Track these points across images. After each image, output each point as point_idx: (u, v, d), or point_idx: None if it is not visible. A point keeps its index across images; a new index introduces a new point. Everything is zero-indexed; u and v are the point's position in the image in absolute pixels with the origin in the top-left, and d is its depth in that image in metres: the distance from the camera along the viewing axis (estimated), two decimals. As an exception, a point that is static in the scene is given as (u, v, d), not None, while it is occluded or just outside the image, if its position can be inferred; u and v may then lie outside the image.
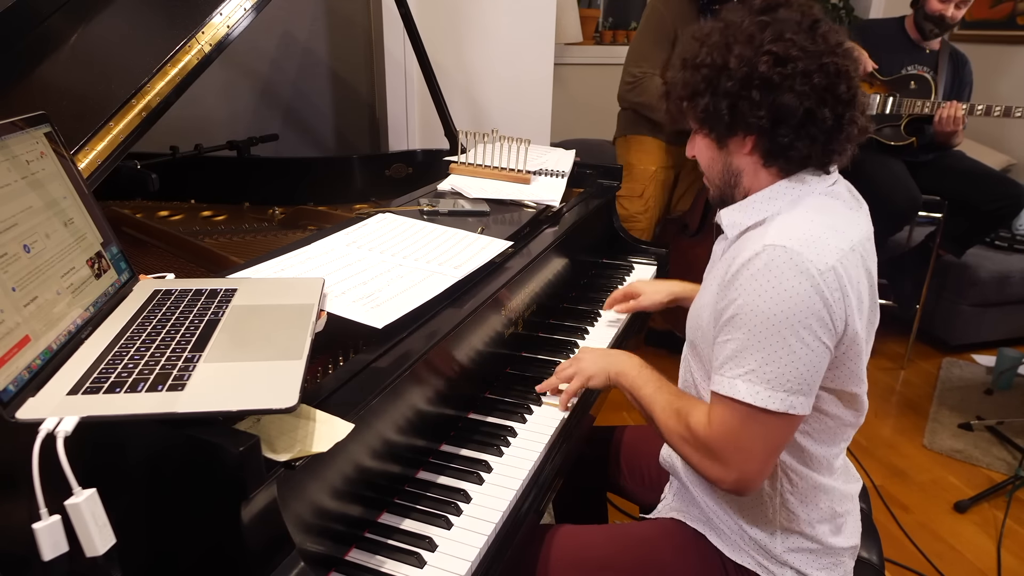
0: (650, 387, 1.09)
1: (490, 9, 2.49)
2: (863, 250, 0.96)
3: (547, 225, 1.54)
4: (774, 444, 0.95)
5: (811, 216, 0.95)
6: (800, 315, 0.88)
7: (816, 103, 0.92)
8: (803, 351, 0.90)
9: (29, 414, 0.66)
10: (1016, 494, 2.26)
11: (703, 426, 0.96)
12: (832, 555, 1.07)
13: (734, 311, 0.93)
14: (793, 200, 0.98)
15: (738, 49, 0.94)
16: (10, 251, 0.74)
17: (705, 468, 0.97)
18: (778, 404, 0.91)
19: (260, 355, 0.79)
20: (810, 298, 0.88)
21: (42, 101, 1.14)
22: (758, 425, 0.92)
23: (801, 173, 1.00)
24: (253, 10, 1.36)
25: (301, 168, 2.07)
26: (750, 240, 0.96)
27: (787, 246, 0.89)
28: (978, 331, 3.19)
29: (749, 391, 0.91)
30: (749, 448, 0.94)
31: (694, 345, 1.10)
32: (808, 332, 0.89)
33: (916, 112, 2.76)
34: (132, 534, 0.69)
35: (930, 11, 2.69)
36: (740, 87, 0.94)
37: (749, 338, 0.91)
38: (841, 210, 0.98)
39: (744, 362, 0.92)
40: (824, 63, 0.92)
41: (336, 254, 1.18)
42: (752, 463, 0.94)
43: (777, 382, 0.90)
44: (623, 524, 1.21)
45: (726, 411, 0.94)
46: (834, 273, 0.89)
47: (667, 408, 1.04)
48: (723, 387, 0.94)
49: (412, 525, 0.92)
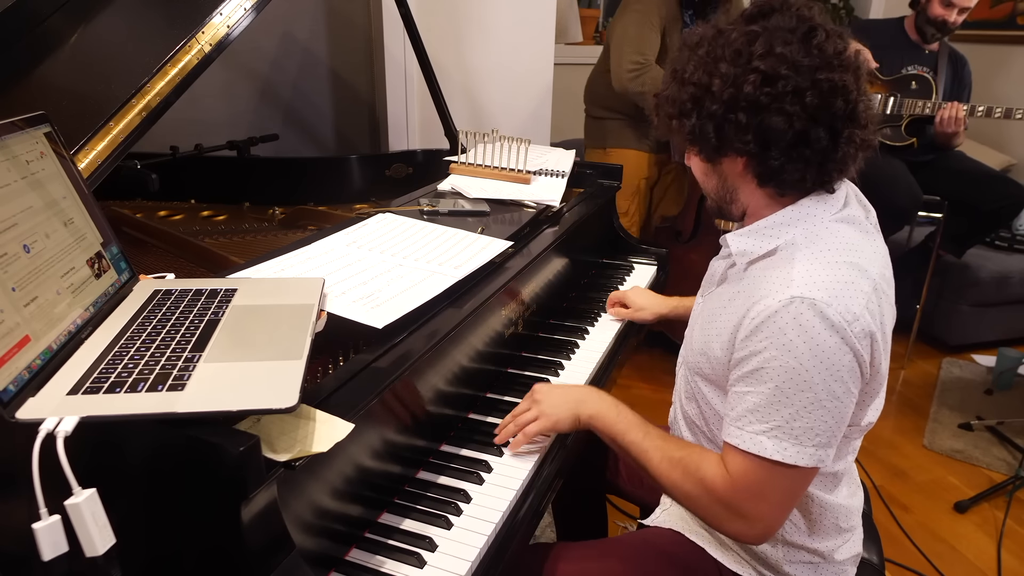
0: (635, 433, 1.01)
1: (490, 9, 2.49)
2: (884, 281, 0.92)
3: (547, 225, 1.54)
4: (797, 494, 0.93)
5: (833, 256, 0.89)
6: (832, 370, 0.85)
7: (808, 123, 0.86)
8: (832, 404, 0.86)
9: (29, 414, 0.66)
10: (1016, 494, 2.26)
11: (721, 482, 0.91)
12: (835, 566, 1.07)
13: (758, 364, 0.88)
14: (808, 229, 0.92)
15: (724, 67, 0.88)
16: (10, 251, 0.74)
17: (724, 523, 0.93)
18: (807, 460, 0.87)
19: (260, 355, 0.79)
20: (841, 352, 0.85)
21: (42, 101, 1.14)
22: (784, 480, 0.89)
23: (810, 195, 0.94)
24: (253, 10, 1.36)
25: (301, 168, 2.07)
26: (770, 280, 0.90)
27: (816, 299, 0.84)
28: (978, 331, 3.19)
29: (776, 448, 0.87)
30: (773, 502, 0.90)
31: (702, 374, 1.04)
32: (840, 385, 0.86)
33: (917, 112, 2.76)
34: (132, 534, 0.69)
35: (932, 15, 2.69)
36: (726, 109, 0.89)
37: (776, 394, 0.87)
38: (859, 241, 0.92)
39: (770, 418, 0.87)
40: (818, 79, 0.85)
41: (336, 254, 1.18)
42: (777, 515, 0.91)
43: (805, 437, 0.87)
44: (620, 537, 1.19)
45: (749, 467, 0.89)
46: (862, 323, 0.85)
47: (665, 460, 0.97)
48: (745, 442, 0.89)
49: (412, 525, 0.92)
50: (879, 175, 2.76)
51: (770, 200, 0.96)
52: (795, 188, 0.93)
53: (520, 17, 2.53)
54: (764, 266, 0.94)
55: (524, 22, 2.54)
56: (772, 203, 0.96)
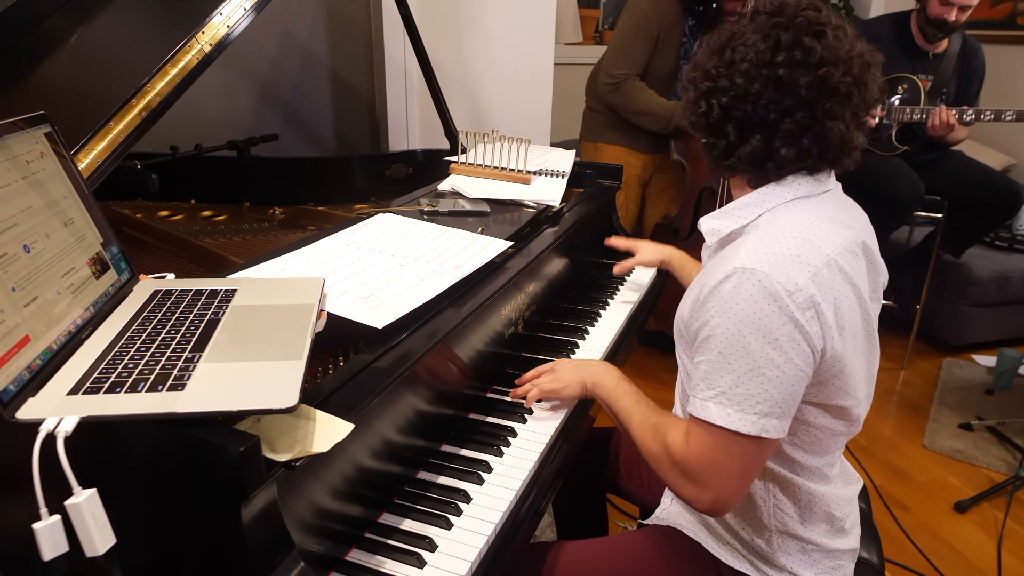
0: (627, 400, 1.08)
1: (490, 9, 2.49)
2: (845, 263, 0.93)
3: (547, 225, 1.54)
4: (749, 466, 0.94)
5: (787, 231, 0.93)
6: (769, 337, 0.87)
7: (779, 116, 0.92)
8: (774, 373, 0.88)
9: (29, 414, 0.66)
10: (1016, 494, 2.26)
11: (679, 446, 0.95)
12: (832, 558, 1.07)
13: (707, 332, 0.92)
14: (772, 208, 0.97)
15: (715, 60, 0.97)
16: (10, 251, 0.74)
17: (680, 487, 0.96)
18: (749, 427, 0.89)
19: (260, 355, 0.79)
20: (779, 320, 0.87)
21: (42, 101, 1.14)
22: (732, 447, 0.91)
23: (789, 177, 0.98)
24: (253, 10, 1.36)
25: (301, 168, 2.07)
26: (725, 256, 0.95)
27: (756, 268, 0.88)
28: (978, 331, 3.19)
29: (720, 413, 0.90)
30: (724, 470, 0.92)
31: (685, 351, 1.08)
32: (779, 354, 0.88)
33: (905, 119, 2.75)
34: (132, 534, 0.69)
35: (932, 15, 2.68)
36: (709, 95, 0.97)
37: (719, 360, 0.90)
38: (822, 221, 0.95)
39: (715, 384, 0.91)
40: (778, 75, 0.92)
41: (336, 254, 1.18)
42: (727, 485, 0.93)
43: (747, 404, 0.89)
44: (618, 536, 1.20)
45: (701, 433, 0.93)
46: (805, 293, 0.87)
47: (643, 423, 1.03)
48: (696, 409, 0.93)
49: (412, 525, 0.92)
50: (879, 169, 2.77)
51: (744, 185, 1.03)
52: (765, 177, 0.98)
53: (520, 17, 2.53)
54: (733, 246, 0.98)
55: (524, 22, 2.54)
56: (745, 188, 1.03)
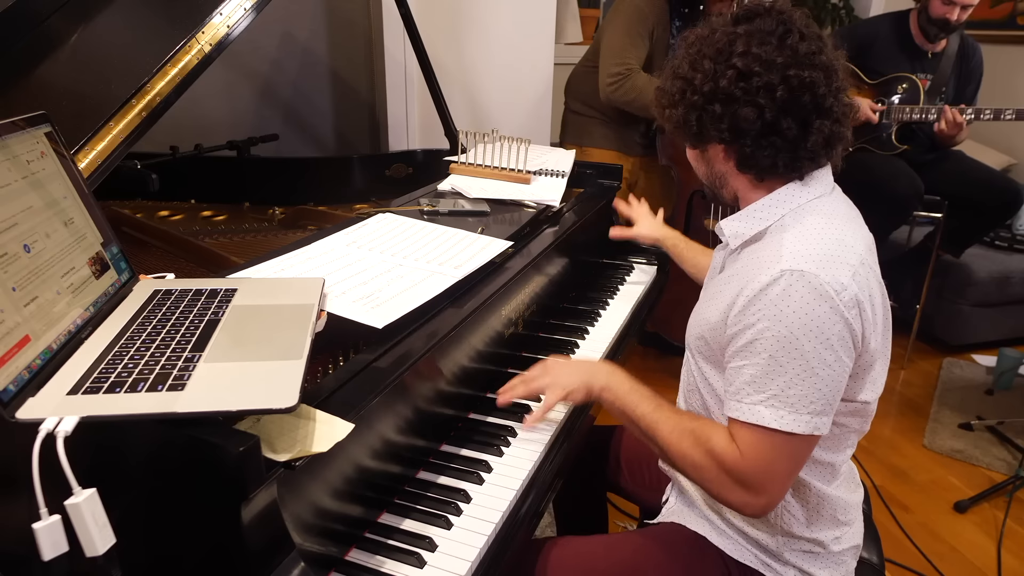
0: (647, 405, 1.03)
1: (490, 9, 2.49)
2: (871, 260, 0.97)
3: (547, 225, 1.54)
4: (798, 465, 0.96)
5: (820, 232, 0.94)
6: (822, 338, 0.89)
7: (778, 114, 0.93)
8: (825, 372, 0.90)
9: (29, 414, 0.66)
10: (1016, 494, 2.26)
11: (731, 453, 0.93)
12: (834, 556, 1.08)
13: (752, 336, 0.92)
14: (795, 209, 0.99)
15: (707, 63, 0.97)
16: (10, 251, 0.74)
17: (727, 494, 0.95)
18: (803, 427, 0.90)
19: (260, 355, 0.79)
20: (831, 320, 0.89)
21: (42, 101, 1.14)
22: (785, 448, 0.92)
23: (795, 181, 1.00)
24: (253, 10, 1.36)
25: (301, 168, 2.07)
26: (761, 260, 0.96)
27: (804, 270, 0.90)
28: (978, 331, 3.18)
29: (773, 416, 0.90)
30: (778, 473, 0.93)
31: (704, 354, 1.07)
32: (831, 353, 0.89)
33: (905, 119, 2.75)
34: (132, 534, 0.69)
35: (934, 15, 2.67)
36: (704, 101, 0.97)
37: (771, 363, 0.90)
38: (845, 220, 0.98)
39: (765, 387, 0.91)
40: (788, 76, 0.93)
41: (336, 254, 1.18)
42: (780, 488, 0.94)
43: (800, 405, 0.90)
44: (623, 533, 1.20)
45: (754, 438, 0.92)
46: (850, 292, 0.90)
47: (676, 430, 0.99)
48: (744, 414, 0.93)
49: (412, 525, 0.92)
50: (879, 168, 2.77)
51: (753, 185, 1.03)
52: (769, 173, 1.00)
53: (520, 17, 2.53)
54: (756, 248, 1.00)
55: (524, 22, 2.54)
56: (756, 188, 1.03)
